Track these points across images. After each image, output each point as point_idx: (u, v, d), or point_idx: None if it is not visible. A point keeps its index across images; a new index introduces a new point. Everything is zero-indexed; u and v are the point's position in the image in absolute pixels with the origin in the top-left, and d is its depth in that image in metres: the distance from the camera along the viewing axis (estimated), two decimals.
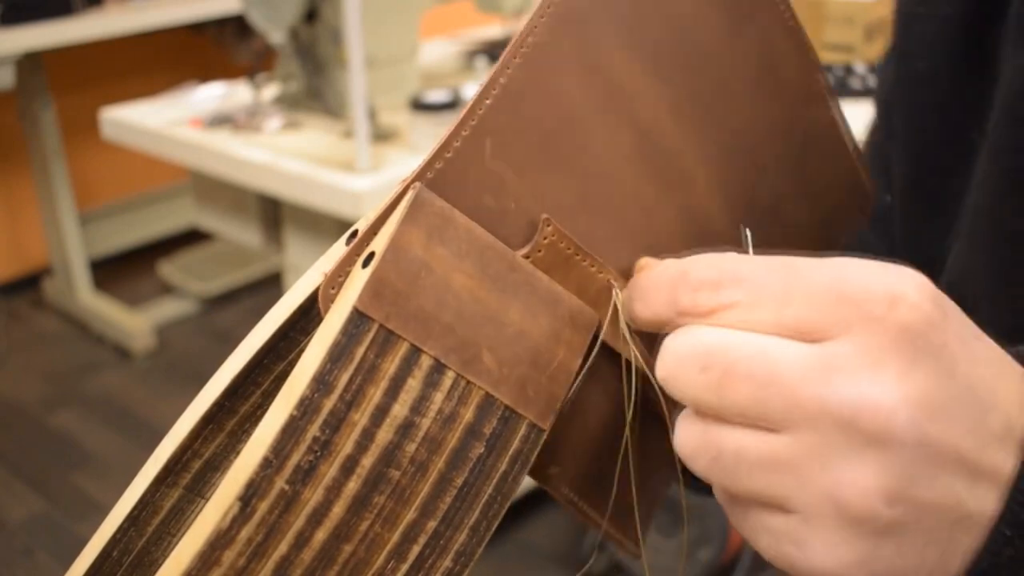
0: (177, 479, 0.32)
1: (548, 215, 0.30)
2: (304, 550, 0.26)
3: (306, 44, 1.61)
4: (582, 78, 0.31)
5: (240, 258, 2.69)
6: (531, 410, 0.29)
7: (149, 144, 1.68)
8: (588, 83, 0.31)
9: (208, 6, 2.35)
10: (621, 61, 0.31)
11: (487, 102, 0.28)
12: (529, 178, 0.30)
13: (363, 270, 0.26)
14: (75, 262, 2.54)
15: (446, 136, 0.28)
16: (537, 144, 0.30)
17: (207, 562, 0.25)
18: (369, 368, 0.26)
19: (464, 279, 0.28)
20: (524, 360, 0.29)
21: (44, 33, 2.10)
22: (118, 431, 2.16)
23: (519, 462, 0.29)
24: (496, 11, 1.89)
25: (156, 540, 0.32)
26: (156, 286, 2.74)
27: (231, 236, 1.78)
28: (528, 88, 0.29)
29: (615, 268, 0.32)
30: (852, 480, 0.24)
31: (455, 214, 0.28)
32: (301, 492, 0.25)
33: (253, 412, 0.32)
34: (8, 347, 2.49)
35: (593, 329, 0.31)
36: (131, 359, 2.45)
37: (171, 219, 2.90)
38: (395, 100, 1.65)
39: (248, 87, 1.75)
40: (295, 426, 0.25)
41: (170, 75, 2.79)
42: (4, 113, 2.56)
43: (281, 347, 0.31)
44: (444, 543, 0.28)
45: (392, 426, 0.26)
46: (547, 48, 0.30)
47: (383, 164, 1.43)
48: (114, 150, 2.36)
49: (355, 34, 1.30)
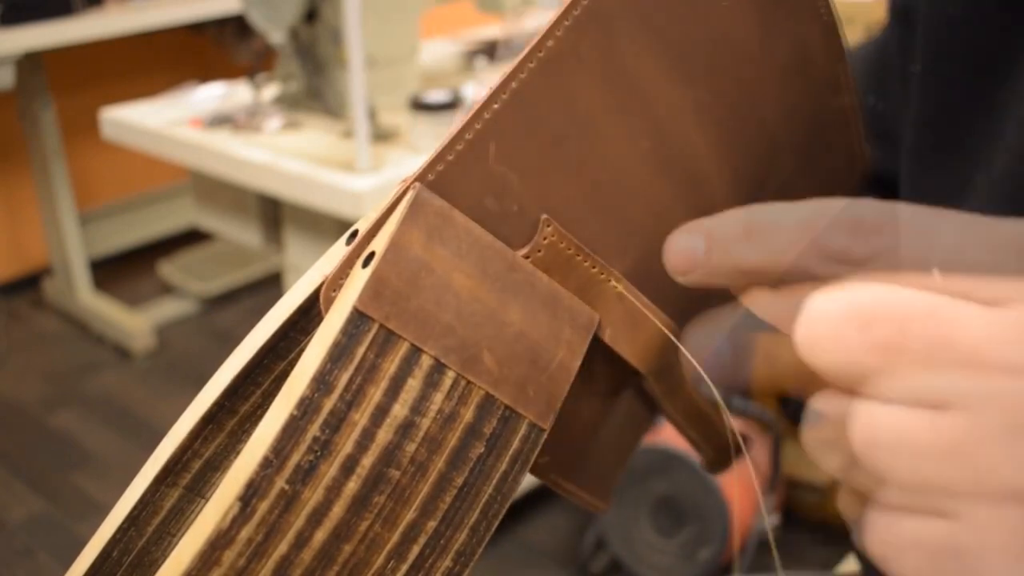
0: (177, 479, 0.32)
1: (552, 217, 0.30)
2: (304, 550, 0.26)
3: (306, 44, 1.61)
4: (602, 82, 0.30)
5: (240, 258, 2.69)
6: (531, 410, 0.29)
7: (149, 144, 1.68)
8: (608, 87, 0.30)
9: (208, 6, 2.35)
10: (646, 64, 0.31)
11: (495, 106, 0.28)
12: (535, 181, 0.30)
13: (363, 270, 0.26)
14: (75, 262, 2.54)
15: (448, 139, 0.28)
16: (546, 149, 0.29)
17: (207, 562, 0.25)
18: (369, 368, 0.26)
19: (464, 279, 0.28)
20: (524, 360, 0.29)
21: (44, 33, 2.10)
22: (118, 431, 2.16)
23: (519, 462, 0.29)
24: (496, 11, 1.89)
25: (156, 540, 0.32)
26: (156, 286, 2.74)
27: (231, 236, 1.78)
28: (542, 93, 0.29)
29: (619, 269, 0.32)
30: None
31: (455, 214, 0.28)
32: (301, 492, 0.25)
33: (253, 412, 0.32)
34: (8, 347, 2.49)
35: (593, 329, 0.31)
36: (131, 359, 2.45)
37: (171, 219, 2.90)
38: (395, 100, 1.65)
39: (248, 87, 1.75)
40: (295, 426, 0.25)
41: (170, 75, 2.79)
42: (4, 113, 2.56)
43: (281, 347, 0.31)
44: (444, 543, 0.28)
45: (392, 426, 0.26)
46: (566, 52, 0.29)
47: (383, 164, 1.43)
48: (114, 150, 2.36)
49: (355, 34, 1.30)
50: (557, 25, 0.28)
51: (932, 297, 0.22)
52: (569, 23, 0.29)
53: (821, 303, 0.23)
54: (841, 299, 0.22)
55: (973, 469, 0.21)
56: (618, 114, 0.31)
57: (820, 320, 0.22)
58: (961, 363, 0.21)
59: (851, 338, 0.22)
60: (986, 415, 0.21)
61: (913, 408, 0.21)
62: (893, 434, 0.21)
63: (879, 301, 0.22)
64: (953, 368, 0.21)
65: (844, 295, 0.22)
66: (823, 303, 0.22)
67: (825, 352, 0.22)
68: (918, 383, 0.21)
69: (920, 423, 0.21)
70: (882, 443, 0.22)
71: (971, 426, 0.21)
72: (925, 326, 0.21)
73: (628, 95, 0.31)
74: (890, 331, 0.21)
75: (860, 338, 0.22)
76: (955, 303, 0.21)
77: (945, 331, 0.21)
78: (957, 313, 0.21)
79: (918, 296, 0.22)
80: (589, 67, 0.29)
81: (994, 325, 0.21)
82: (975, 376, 0.21)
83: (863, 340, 0.22)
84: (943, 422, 0.21)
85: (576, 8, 0.29)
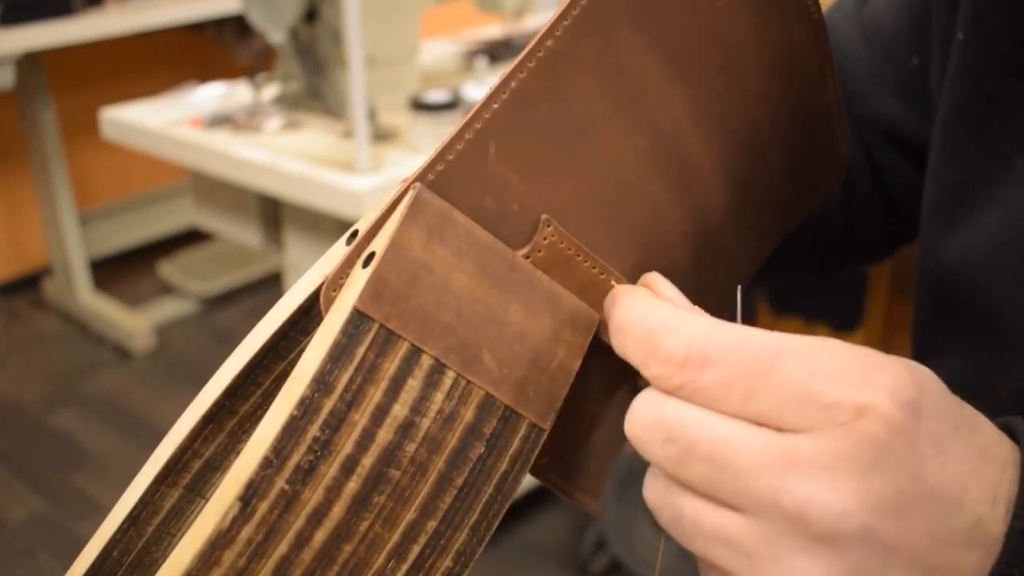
0: (177, 479, 0.32)
1: (551, 216, 0.30)
2: (304, 550, 0.26)
3: (306, 44, 1.61)
4: (602, 82, 0.30)
5: (240, 258, 2.69)
6: (531, 410, 0.29)
7: (149, 144, 1.68)
8: (607, 87, 0.30)
9: (208, 6, 2.35)
10: (644, 64, 0.31)
11: (494, 106, 0.28)
12: (534, 181, 0.30)
13: (363, 270, 0.26)
14: (75, 262, 2.54)
15: (448, 139, 0.28)
16: (546, 148, 0.29)
17: (207, 562, 0.25)
18: (369, 368, 0.26)
19: (464, 279, 0.28)
20: (524, 360, 0.29)
21: (44, 33, 2.10)
22: (118, 431, 2.16)
23: (519, 462, 0.29)
24: (496, 11, 1.89)
25: (156, 540, 0.32)
26: (156, 286, 2.74)
27: (231, 236, 1.78)
28: (541, 93, 0.29)
29: (619, 269, 0.32)
30: (801, 573, 0.24)
31: (455, 214, 0.28)
32: (301, 492, 0.25)
33: (253, 412, 0.32)
34: (8, 347, 2.49)
35: (593, 329, 0.31)
36: (131, 359, 2.45)
37: (171, 219, 2.90)
38: (395, 100, 1.65)
39: (248, 87, 1.75)
40: (295, 426, 0.25)
41: (170, 75, 2.79)
42: (4, 113, 2.56)
43: (281, 347, 0.31)
44: (444, 543, 0.28)
45: (392, 426, 0.26)
46: (566, 52, 0.29)
47: (383, 164, 1.43)
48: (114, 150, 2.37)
49: (355, 34, 1.30)
50: (556, 25, 0.29)
51: (721, 422, 0.26)
52: (568, 23, 0.29)
53: (637, 407, 0.27)
54: (651, 411, 0.27)
55: (750, 562, 0.25)
56: (617, 113, 0.31)
57: (635, 423, 0.27)
58: (738, 482, 0.25)
59: (655, 445, 0.27)
60: (758, 526, 0.25)
61: (708, 502, 0.26)
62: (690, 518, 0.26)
63: (675, 421, 0.26)
64: (730, 486, 0.25)
65: (653, 407, 0.27)
66: (638, 407, 0.27)
67: (641, 452, 0.27)
68: (706, 491, 0.26)
69: (712, 516, 0.26)
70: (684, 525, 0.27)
71: (747, 530, 0.25)
72: (710, 449, 0.25)
73: (626, 94, 0.31)
74: (681, 448, 0.26)
75: (661, 450, 0.26)
76: (743, 428, 0.25)
77: (727, 454, 0.25)
78: (743, 438, 0.25)
79: (709, 421, 0.26)
80: (588, 67, 0.30)
81: (765, 455, 0.25)
82: (746, 495, 0.25)
83: (661, 452, 0.26)
84: (727, 520, 0.26)
85: (575, 8, 0.29)
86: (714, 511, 0.26)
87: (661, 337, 0.27)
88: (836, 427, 0.24)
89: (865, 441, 0.24)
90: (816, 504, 0.24)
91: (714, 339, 0.26)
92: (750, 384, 0.25)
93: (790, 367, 0.25)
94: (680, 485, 0.27)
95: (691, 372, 0.26)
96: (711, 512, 0.26)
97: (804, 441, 0.24)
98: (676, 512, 0.27)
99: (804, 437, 0.24)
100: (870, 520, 0.24)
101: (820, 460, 0.24)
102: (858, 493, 0.24)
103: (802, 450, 0.24)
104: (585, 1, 0.29)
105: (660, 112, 0.32)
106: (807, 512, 0.24)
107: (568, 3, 0.29)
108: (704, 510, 0.26)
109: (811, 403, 0.25)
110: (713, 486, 0.26)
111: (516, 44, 2.07)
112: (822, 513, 0.24)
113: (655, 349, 0.27)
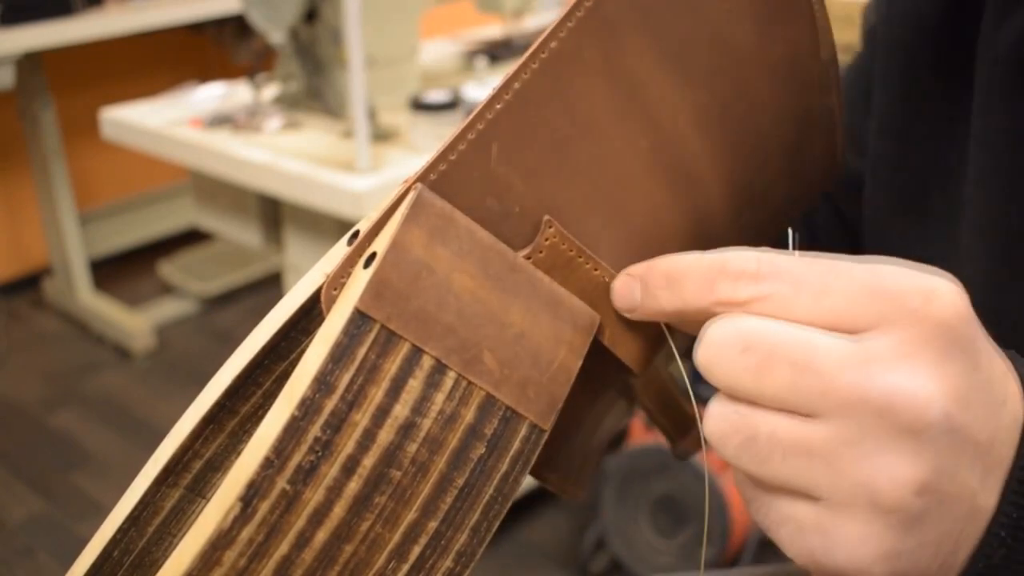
0: (178, 479, 0.32)
1: (553, 217, 0.30)
2: (305, 550, 0.26)
3: (306, 44, 1.61)
4: (605, 83, 0.30)
5: (240, 258, 2.69)
6: (532, 411, 0.29)
7: (149, 144, 1.68)
8: (610, 88, 0.30)
9: (208, 6, 2.35)
10: (647, 66, 0.31)
11: (497, 107, 0.28)
12: (536, 182, 0.30)
13: (364, 271, 0.26)
14: (75, 262, 2.54)
15: (451, 139, 0.28)
16: (548, 149, 0.29)
17: (208, 562, 0.25)
18: (370, 368, 0.26)
19: (465, 280, 0.28)
20: (525, 361, 0.29)
21: (44, 33, 2.10)
22: (118, 431, 2.16)
23: (520, 462, 0.29)
24: (496, 11, 1.89)
25: (157, 540, 0.32)
26: (156, 286, 2.74)
27: (231, 236, 1.78)
28: (544, 94, 0.29)
29: (620, 270, 0.32)
30: (886, 469, 0.25)
31: (456, 214, 0.28)
32: (302, 492, 0.25)
33: (254, 412, 0.32)
34: (8, 347, 2.49)
35: (594, 330, 0.31)
36: (131, 359, 2.45)
37: (171, 219, 2.90)
38: (395, 100, 1.65)
39: (248, 87, 1.75)
40: (296, 426, 0.25)
41: (170, 75, 2.79)
42: (4, 113, 2.56)
43: (282, 347, 0.31)
44: (445, 543, 0.28)
45: (393, 426, 0.26)
46: (569, 53, 0.29)
47: (383, 164, 1.43)
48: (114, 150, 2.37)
49: (355, 34, 1.30)
50: (560, 26, 0.29)
51: (798, 328, 0.26)
52: (572, 24, 0.29)
53: (710, 330, 0.27)
54: (726, 327, 0.27)
55: (831, 468, 0.25)
56: (619, 115, 0.31)
57: (709, 344, 0.27)
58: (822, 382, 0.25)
59: (732, 360, 0.26)
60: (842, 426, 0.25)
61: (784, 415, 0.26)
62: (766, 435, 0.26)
63: (754, 331, 0.26)
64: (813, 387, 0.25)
65: (728, 324, 0.27)
66: (711, 330, 0.27)
67: (715, 374, 0.27)
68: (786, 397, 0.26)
69: (789, 428, 0.26)
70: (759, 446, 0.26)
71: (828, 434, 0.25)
72: (791, 352, 0.26)
73: (629, 96, 0.31)
74: (761, 355, 0.26)
75: (740, 361, 0.26)
76: (820, 333, 0.26)
77: (809, 356, 0.25)
78: (822, 341, 0.25)
79: (787, 327, 0.26)
80: (591, 68, 0.30)
81: (846, 354, 0.25)
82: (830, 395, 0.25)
83: (740, 363, 0.26)
84: (806, 429, 0.26)
85: (579, 10, 0.29)
86: (791, 422, 0.26)
87: (729, 259, 0.28)
88: (907, 315, 0.25)
89: (937, 327, 0.25)
90: (902, 394, 0.24)
91: (780, 255, 0.27)
92: (820, 285, 0.26)
93: (856, 268, 0.26)
94: (754, 404, 0.27)
95: (765, 282, 0.27)
96: (788, 423, 0.26)
97: (879, 338, 0.25)
98: (751, 432, 0.27)
99: (879, 333, 0.25)
100: (949, 407, 0.24)
101: (898, 351, 0.25)
102: (938, 381, 0.24)
103: (879, 346, 0.25)
104: (590, 3, 0.29)
105: (662, 114, 0.32)
106: (893, 403, 0.24)
107: (572, 5, 0.29)
108: (781, 423, 0.26)
109: (881, 296, 0.25)
110: (795, 390, 0.26)
111: (516, 44, 2.07)
112: (908, 403, 0.24)
113: (724, 270, 0.27)
